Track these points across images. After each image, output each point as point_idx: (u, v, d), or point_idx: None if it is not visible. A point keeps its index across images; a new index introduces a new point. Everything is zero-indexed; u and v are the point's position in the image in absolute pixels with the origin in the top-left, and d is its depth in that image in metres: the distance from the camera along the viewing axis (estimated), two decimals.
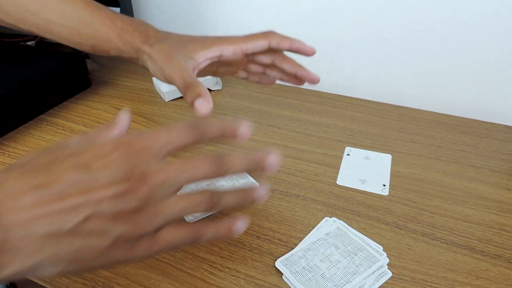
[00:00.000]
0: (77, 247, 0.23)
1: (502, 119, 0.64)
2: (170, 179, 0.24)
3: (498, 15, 0.58)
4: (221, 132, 0.26)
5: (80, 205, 0.23)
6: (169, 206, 0.25)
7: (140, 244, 0.25)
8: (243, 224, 0.27)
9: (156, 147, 0.25)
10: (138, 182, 0.23)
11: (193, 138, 0.26)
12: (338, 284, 0.37)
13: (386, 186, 0.50)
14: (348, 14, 0.67)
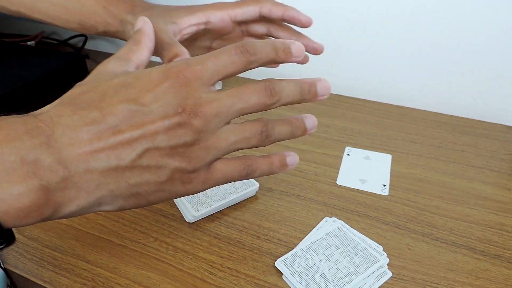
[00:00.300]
0: (136, 182, 0.23)
1: (502, 119, 0.64)
2: (223, 110, 0.24)
3: (498, 15, 0.58)
4: (274, 51, 0.25)
5: (137, 139, 0.23)
6: (223, 138, 0.25)
7: (196, 177, 0.25)
8: (295, 158, 0.27)
9: (206, 75, 0.24)
10: (191, 114, 0.23)
11: (245, 61, 0.25)
12: (338, 284, 0.37)
13: (386, 186, 0.50)
14: (348, 14, 0.67)
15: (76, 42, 0.92)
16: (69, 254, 0.41)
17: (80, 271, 0.39)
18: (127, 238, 0.43)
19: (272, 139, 0.26)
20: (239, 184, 0.47)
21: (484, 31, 0.60)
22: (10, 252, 0.42)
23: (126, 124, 0.23)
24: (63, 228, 0.44)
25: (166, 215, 0.46)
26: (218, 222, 0.45)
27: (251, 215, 0.46)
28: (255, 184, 0.48)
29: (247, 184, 0.47)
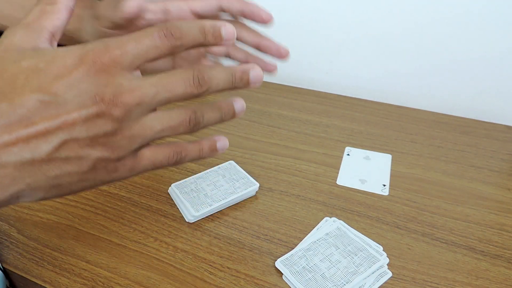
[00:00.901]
0: (55, 174, 0.22)
1: (502, 119, 0.64)
2: (145, 99, 0.22)
3: (498, 15, 0.58)
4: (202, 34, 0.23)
5: (52, 131, 0.21)
6: (148, 126, 0.23)
7: (122, 165, 0.24)
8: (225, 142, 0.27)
9: (127, 59, 0.22)
10: (111, 104, 0.21)
11: (169, 46, 0.23)
12: (338, 284, 0.37)
13: (386, 186, 0.50)
14: (348, 14, 0.67)
15: None
16: (69, 254, 0.41)
17: (80, 271, 0.39)
18: (127, 238, 0.43)
19: (201, 126, 0.25)
20: (239, 184, 0.47)
21: (484, 31, 0.60)
22: (10, 252, 0.42)
23: (39, 116, 0.21)
24: (63, 228, 0.44)
25: (166, 215, 0.46)
26: (218, 222, 0.45)
27: (251, 215, 0.46)
28: (255, 184, 0.48)
29: (247, 184, 0.48)
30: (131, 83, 0.22)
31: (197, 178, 0.49)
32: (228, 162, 0.52)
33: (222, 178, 0.49)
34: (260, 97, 0.71)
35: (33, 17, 0.25)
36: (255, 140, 0.59)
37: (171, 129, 0.24)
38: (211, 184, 0.48)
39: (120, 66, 0.22)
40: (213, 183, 0.48)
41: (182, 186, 0.48)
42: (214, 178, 0.49)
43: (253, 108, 0.67)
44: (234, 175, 0.49)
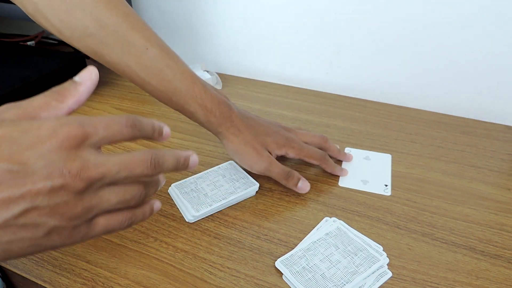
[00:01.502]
0: (9, 239, 0.23)
1: (502, 119, 0.64)
2: (108, 175, 0.24)
3: (498, 15, 0.58)
4: (152, 131, 0.28)
5: (15, 199, 0.22)
6: (105, 199, 0.25)
7: (76, 232, 0.25)
8: (159, 204, 0.30)
9: (96, 139, 0.24)
10: (76, 177, 0.23)
11: (131, 135, 0.26)
12: (338, 284, 0.37)
13: (388, 186, 0.50)
14: (348, 15, 0.67)
15: None
16: (69, 254, 0.41)
17: (80, 271, 0.39)
18: (127, 238, 0.43)
19: (149, 195, 0.28)
20: (239, 184, 0.47)
21: (484, 31, 0.60)
22: None
23: (5, 184, 0.22)
24: None
25: (166, 215, 0.46)
26: (218, 222, 0.45)
27: (251, 215, 0.46)
28: (255, 184, 0.48)
29: (247, 184, 0.48)
30: (97, 159, 0.24)
31: (197, 178, 0.49)
32: (228, 162, 0.52)
33: (222, 178, 0.49)
34: (260, 97, 0.71)
35: (34, 104, 0.26)
36: None
37: (125, 202, 0.26)
38: (211, 184, 0.48)
39: (89, 143, 0.24)
40: (213, 183, 0.48)
41: (182, 186, 0.48)
42: (214, 178, 0.49)
43: (253, 108, 0.67)
44: (234, 175, 0.49)
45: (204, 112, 0.46)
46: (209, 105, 0.46)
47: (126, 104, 0.69)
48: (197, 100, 0.45)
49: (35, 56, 0.72)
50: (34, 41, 0.87)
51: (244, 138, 0.47)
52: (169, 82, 0.44)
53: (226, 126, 0.46)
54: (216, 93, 0.47)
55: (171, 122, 0.63)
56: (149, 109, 0.67)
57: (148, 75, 0.44)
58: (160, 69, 0.44)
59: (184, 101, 0.45)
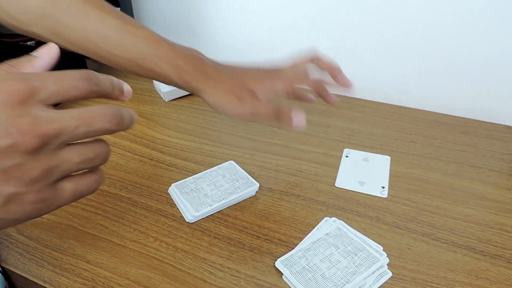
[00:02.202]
0: None
1: (502, 119, 0.64)
2: (65, 131, 0.22)
3: (498, 15, 0.58)
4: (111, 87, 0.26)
5: None
6: (66, 159, 0.23)
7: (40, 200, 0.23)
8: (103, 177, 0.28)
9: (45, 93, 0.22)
10: (27, 135, 0.20)
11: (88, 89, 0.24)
12: (338, 284, 0.37)
13: (385, 188, 0.50)
14: (348, 14, 0.67)
15: None
16: (69, 254, 0.41)
17: (80, 271, 0.39)
18: (127, 238, 0.43)
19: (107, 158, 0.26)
20: (239, 184, 0.47)
21: (484, 31, 0.60)
22: (10, 252, 0.42)
23: None
24: (63, 228, 0.44)
25: (166, 215, 0.46)
26: (218, 222, 0.45)
27: (251, 215, 0.46)
28: (255, 184, 0.48)
29: (247, 184, 0.48)
30: (50, 114, 0.22)
31: (197, 178, 0.49)
32: (228, 162, 0.52)
33: (222, 178, 0.49)
34: None
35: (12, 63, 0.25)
36: (255, 140, 0.59)
37: (88, 161, 0.24)
38: (211, 184, 0.48)
39: (38, 99, 0.22)
40: (213, 183, 0.48)
41: (182, 186, 0.48)
42: (214, 178, 0.49)
43: None
44: (234, 175, 0.49)
45: (177, 71, 0.43)
46: (181, 63, 0.43)
47: (126, 104, 0.69)
48: (167, 60, 0.43)
49: None
50: (34, 41, 0.87)
51: (223, 88, 0.44)
52: (133, 48, 0.43)
53: (202, 81, 0.44)
54: (185, 50, 0.45)
55: (171, 122, 0.63)
56: (149, 109, 0.67)
57: (110, 45, 0.43)
58: (121, 36, 0.43)
59: (153, 65, 0.43)
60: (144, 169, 0.53)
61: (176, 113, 0.66)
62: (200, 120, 0.64)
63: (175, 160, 0.55)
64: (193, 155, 0.56)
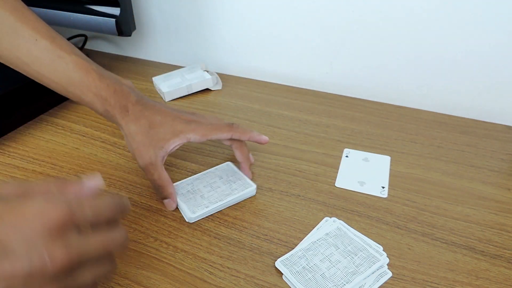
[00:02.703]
0: None
1: (502, 119, 0.64)
2: (86, 258, 0.25)
3: (498, 15, 0.58)
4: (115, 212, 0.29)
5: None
6: (81, 279, 0.25)
7: None
8: None
9: (83, 220, 0.25)
10: (56, 264, 0.23)
11: (115, 217, 0.29)
12: (338, 284, 0.37)
13: (385, 188, 0.50)
14: (348, 14, 0.67)
15: (76, 42, 0.92)
16: None
17: None
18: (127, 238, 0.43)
19: None
20: (236, 186, 0.47)
21: (484, 31, 0.60)
22: None
23: None
24: None
25: (166, 215, 0.46)
26: (218, 222, 0.45)
27: (251, 215, 0.46)
28: (252, 185, 0.47)
29: (244, 185, 0.47)
30: (79, 244, 0.24)
31: (194, 179, 0.49)
32: (226, 163, 0.51)
33: (219, 179, 0.49)
34: (260, 97, 0.71)
35: (36, 188, 0.27)
36: None
37: (99, 276, 0.27)
38: (207, 185, 0.48)
39: (74, 225, 0.24)
40: (210, 185, 0.48)
41: (179, 188, 0.47)
42: (211, 180, 0.49)
43: (253, 108, 0.67)
44: (231, 176, 0.49)
45: (101, 101, 0.44)
46: (104, 93, 0.44)
47: None
48: (92, 89, 0.44)
49: None
50: None
51: (138, 129, 0.44)
52: (62, 72, 0.43)
53: (121, 116, 0.44)
54: (113, 81, 0.45)
55: None
56: None
57: (40, 66, 0.43)
58: (52, 59, 0.43)
59: (80, 92, 0.44)
60: None
61: None
62: None
63: (175, 160, 0.55)
64: (193, 155, 0.56)
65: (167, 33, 0.84)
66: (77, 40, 0.91)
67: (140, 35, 0.87)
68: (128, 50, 0.91)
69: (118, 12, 0.67)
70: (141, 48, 0.89)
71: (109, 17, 0.68)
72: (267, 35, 0.75)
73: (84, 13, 0.70)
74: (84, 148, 0.58)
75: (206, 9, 0.77)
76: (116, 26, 0.68)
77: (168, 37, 0.85)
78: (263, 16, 0.73)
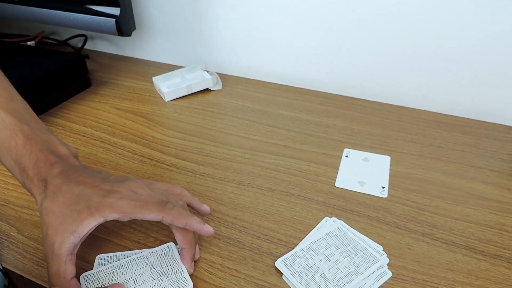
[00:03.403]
0: None
1: (502, 119, 0.64)
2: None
3: (498, 16, 0.58)
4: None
5: None
6: None
7: None
8: None
9: None
10: None
11: None
12: (338, 284, 0.37)
13: (385, 188, 0.50)
14: (348, 14, 0.67)
15: (76, 42, 0.92)
16: None
17: (80, 271, 0.39)
18: (127, 238, 0.43)
19: None
20: (166, 283, 0.36)
21: (484, 31, 0.60)
22: (10, 252, 0.42)
23: None
24: None
25: None
26: (218, 222, 0.45)
27: (251, 215, 0.46)
28: (188, 284, 0.36)
29: (177, 282, 0.37)
30: None
31: (116, 267, 0.39)
32: (167, 244, 0.41)
33: (150, 269, 0.38)
34: (260, 97, 0.71)
35: None
36: (255, 140, 0.59)
37: None
38: (131, 278, 0.37)
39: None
40: (135, 278, 0.37)
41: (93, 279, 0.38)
42: (138, 270, 0.38)
43: (253, 108, 0.67)
44: (167, 266, 0.38)
45: (19, 170, 0.38)
46: (24, 163, 0.38)
47: (126, 104, 0.69)
48: (12, 155, 0.38)
49: (35, 56, 0.72)
50: (34, 41, 0.87)
51: (51, 208, 0.36)
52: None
53: (38, 191, 0.37)
54: (40, 148, 0.38)
55: (171, 122, 0.63)
56: (149, 109, 0.67)
57: None
58: None
59: (0, 155, 0.39)
60: (144, 169, 0.53)
61: (176, 113, 0.66)
62: (200, 120, 0.64)
63: (175, 160, 0.55)
64: (193, 155, 0.56)
65: (167, 33, 0.84)
66: (77, 40, 0.91)
67: (140, 35, 0.87)
68: (128, 50, 0.91)
69: (118, 12, 0.67)
70: (141, 48, 0.89)
71: (109, 17, 0.68)
72: (267, 35, 0.75)
73: (84, 13, 0.70)
74: (84, 148, 0.58)
75: (206, 9, 0.77)
76: (116, 26, 0.68)
77: (168, 37, 0.85)
78: (263, 16, 0.73)
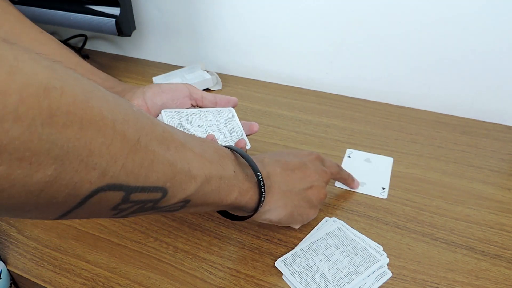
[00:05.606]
0: None
1: (502, 119, 0.64)
2: None
3: (498, 15, 0.58)
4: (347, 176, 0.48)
5: None
6: None
7: None
8: None
9: None
10: None
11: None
12: (338, 284, 0.37)
13: (385, 189, 0.50)
14: (348, 14, 0.67)
15: (76, 42, 0.92)
16: (69, 254, 0.41)
17: (80, 271, 0.39)
18: (127, 238, 0.43)
19: None
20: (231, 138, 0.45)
21: (484, 31, 0.60)
22: (10, 252, 0.42)
23: None
24: (63, 228, 0.44)
25: (166, 215, 0.46)
26: (218, 222, 0.45)
27: None
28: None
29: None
30: None
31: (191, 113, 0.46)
32: (228, 108, 0.49)
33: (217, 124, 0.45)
34: (260, 97, 0.71)
35: None
36: (255, 140, 0.59)
37: None
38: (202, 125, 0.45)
39: None
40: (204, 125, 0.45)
41: None
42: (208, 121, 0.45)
43: (253, 108, 0.67)
44: (230, 125, 0.45)
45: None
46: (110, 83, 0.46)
47: None
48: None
49: None
50: None
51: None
52: None
53: None
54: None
55: None
56: None
57: None
58: None
59: None
60: None
61: None
62: None
63: None
64: None
65: (167, 33, 0.84)
66: (77, 40, 0.91)
67: (140, 35, 0.87)
68: (128, 50, 0.91)
69: (118, 12, 0.67)
70: (141, 48, 0.89)
71: (109, 17, 0.68)
72: (267, 35, 0.75)
73: (84, 13, 0.70)
74: None
75: (206, 9, 0.77)
76: (116, 26, 0.68)
77: (168, 37, 0.85)
78: (263, 16, 0.73)
